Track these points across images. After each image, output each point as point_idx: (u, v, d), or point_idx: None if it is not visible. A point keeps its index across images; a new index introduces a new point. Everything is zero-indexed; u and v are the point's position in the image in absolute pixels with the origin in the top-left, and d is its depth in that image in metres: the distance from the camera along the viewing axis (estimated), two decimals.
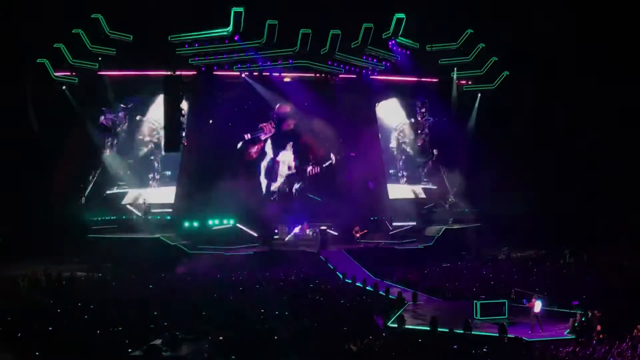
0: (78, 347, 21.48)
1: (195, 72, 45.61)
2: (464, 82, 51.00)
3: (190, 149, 45.72)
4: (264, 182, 48.74)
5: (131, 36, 45.00)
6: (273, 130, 48.72)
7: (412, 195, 51.89)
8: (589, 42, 46.17)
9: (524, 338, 23.87)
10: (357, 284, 34.83)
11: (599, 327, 23.74)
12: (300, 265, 39.72)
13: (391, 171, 52.64)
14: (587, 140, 47.15)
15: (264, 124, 48.58)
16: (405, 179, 52.93)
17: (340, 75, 47.92)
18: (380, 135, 51.47)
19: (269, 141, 48.84)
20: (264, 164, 48.77)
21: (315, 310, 27.70)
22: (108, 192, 47.32)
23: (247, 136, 48.14)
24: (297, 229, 45.90)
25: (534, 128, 48.77)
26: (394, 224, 47.92)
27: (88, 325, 24.85)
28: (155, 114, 47.82)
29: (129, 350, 19.76)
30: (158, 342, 17.16)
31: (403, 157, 53.53)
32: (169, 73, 43.46)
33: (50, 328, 24.02)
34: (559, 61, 47.79)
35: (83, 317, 26.59)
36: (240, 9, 43.42)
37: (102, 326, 24.53)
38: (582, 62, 46.98)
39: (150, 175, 48.24)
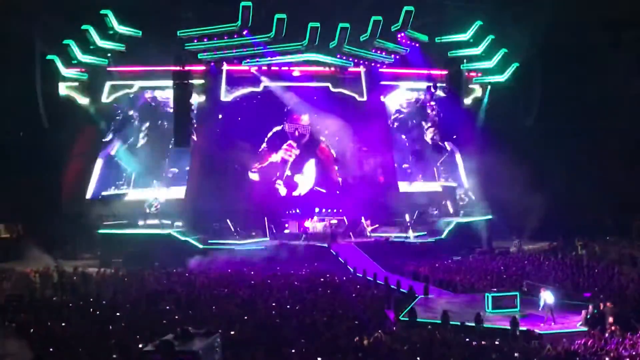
0: (90, 342, 21.58)
1: (204, 67, 45.61)
2: (473, 74, 50.76)
3: (200, 144, 45.79)
4: (277, 176, 48.72)
5: (140, 32, 45.01)
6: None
7: (423, 189, 51.71)
8: (600, 31, 45.88)
9: (536, 330, 23.79)
10: (368, 278, 34.80)
11: (611, 319, 23.61)
12: (311, 259, 39.75)
13: (404, 165, 52.44)
14: (599, 132, 46.89)
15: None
16: (417, 174, 52.66)
17: (349, 69, 47.79)
18: (389, 129, 51.32)
19: (281, 136, 48.93)
20: (276, 159, 48.78)
21: (326, 304, 27.72)
22: (118, 182, 47.60)
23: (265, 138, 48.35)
24: (307, 223, 45.96)
25: (545, 119, 48.56)
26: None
27: (100, 321, 24.99)
28: (165, 110, 47.95)
29: (141, 345, 19.82)
30: (170, 337, 17.17)
31: (414, 150, 53.30)
32: (179, 68, 43.52)
33: (63, 323, 24.17)
34: (570, 51, 47.46)
35: (95, 312, 26.74)
36: (249, 3, 43.35)
37: (113, 321, 24.67)
38: (592, 52, 46.68)
39: (159, 171, 48.33)
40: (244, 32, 44.62)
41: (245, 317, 25.25)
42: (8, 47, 41.47)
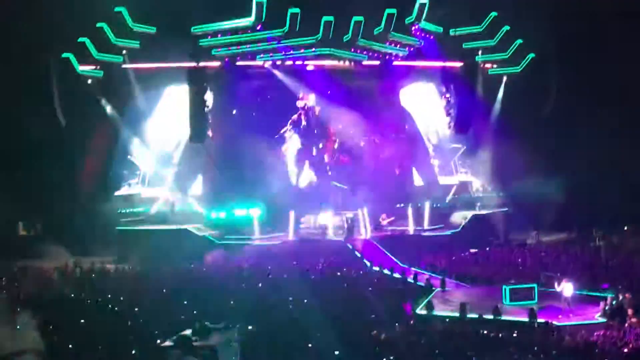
0: (109, 338, 21.72)
1: (218, 63, 45.65)
2: (489, 65, 50.49)
3: (215, 139, 45.89)
4: (293, 171, 48.72)
5: (155, 29, 45.14)
6: (304, 122, 48.75)
7: (440, 182, 51.50)
8: (616, 19, 45.46)
9: (554, 322, 23.69)
10: (385, 271, 34.79)
11: (630, 311, 23.46)
12: (327, 254, 39.76)
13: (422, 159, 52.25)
14: (615, 121, 46.47)
15: (293, 118, 48.64)
16: (437, 170, 52.45)
17: (363, 62, 47.64)
18: (405, 121, 51.13)
19: (296, 131, 48.86)
20: (291, 154, 48.74)
21: (343, 298, 27.74)
22: (131, 181, 47.85)
23: (280, 133, 48.33)
24: (322, 218, 45.89)
25: (561, 110, 48.22)
26: None
27: (118, 317, 25.15)
28: (178, 106, 48.13)
29: (159, 340, 19.94)
30: (188, 332, 17.28)
31: (432, 143, 53.16)
32: (193, 65, 43.59)
33: (81, 320, 24.33)
34: (585, 40, 47.07)
35: (113, 308, 26.91)
36: None
37: (132, 317, 24.82)
38: (609, 40, 46.28)
39: (170, 168, 48.58)
40: (258, 27, 44.57)
41: (263, 312, 25.33)
42: (24, 45, 41.73)
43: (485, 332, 22.38)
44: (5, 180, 41.65)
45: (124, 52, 45.27)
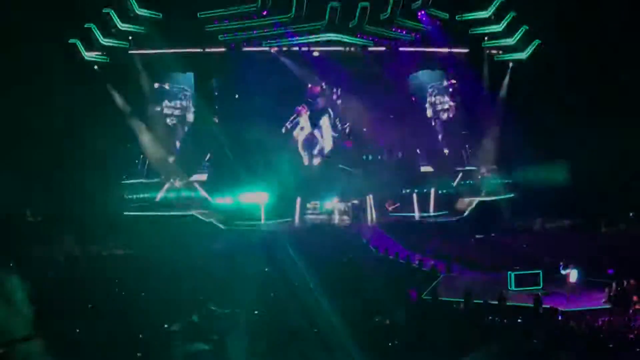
0: (116, 323, 21.87)
1: (224, 49, 45.63)
2: (495, 52, 50.33)
3: (222, 125, 45.95)
4: (299, 156, 48.72)
5: (161, 14, 45.12)
6: (310, 108, 48.70)
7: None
8: (625, 8, 45.22)
9: (559, 308, 23.75)
10: (390, 257, 34.88)
11: (635, 297, 23.51)
12: (333, 239, 39.84)
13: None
14: (622, 107, 46.34)
15: (299, 108, 48.61)
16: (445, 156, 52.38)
17: (369, 48, 47.55)
18: (411, 107, 51.06)
19: (302, 117, 48.82)
20: (297, 140, 48.74)
21: (348, 284, 27.84)
22: (137, 167, 48.02)
23: (288, 126, 48.25)
24: (328, 204, 45.91)
25: (567, 96, 48.07)
26: None
27: (126, 302, 25.31)
28: (184, 92, 48.21)
29: (166, 325, 20.07)
30: (195, 317, 17.42)
31: (439, 130, 53.05)
32: (199, 50, 43.62)
33: (90, 305, 24.50)
34: (592, 28, 46.86)
35: (121, 293, 27.07)
36: None
37: (139, 302, 24.97)
38: (617, 27, 46.04)
39: (176, 154, 48.70)
40: (264, 13, 44.55)
41: (268, 297, 25.45)
42: (30, 31, 41.72)
43: (490, 317, 22.46)
44: (12, 167, 41.77)
45: (130, 37, 45.23)
